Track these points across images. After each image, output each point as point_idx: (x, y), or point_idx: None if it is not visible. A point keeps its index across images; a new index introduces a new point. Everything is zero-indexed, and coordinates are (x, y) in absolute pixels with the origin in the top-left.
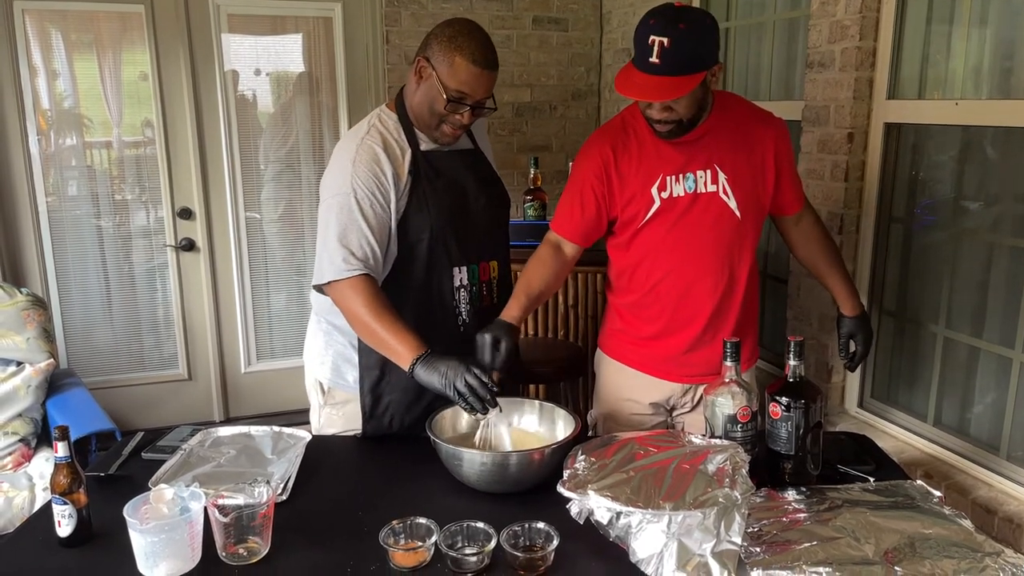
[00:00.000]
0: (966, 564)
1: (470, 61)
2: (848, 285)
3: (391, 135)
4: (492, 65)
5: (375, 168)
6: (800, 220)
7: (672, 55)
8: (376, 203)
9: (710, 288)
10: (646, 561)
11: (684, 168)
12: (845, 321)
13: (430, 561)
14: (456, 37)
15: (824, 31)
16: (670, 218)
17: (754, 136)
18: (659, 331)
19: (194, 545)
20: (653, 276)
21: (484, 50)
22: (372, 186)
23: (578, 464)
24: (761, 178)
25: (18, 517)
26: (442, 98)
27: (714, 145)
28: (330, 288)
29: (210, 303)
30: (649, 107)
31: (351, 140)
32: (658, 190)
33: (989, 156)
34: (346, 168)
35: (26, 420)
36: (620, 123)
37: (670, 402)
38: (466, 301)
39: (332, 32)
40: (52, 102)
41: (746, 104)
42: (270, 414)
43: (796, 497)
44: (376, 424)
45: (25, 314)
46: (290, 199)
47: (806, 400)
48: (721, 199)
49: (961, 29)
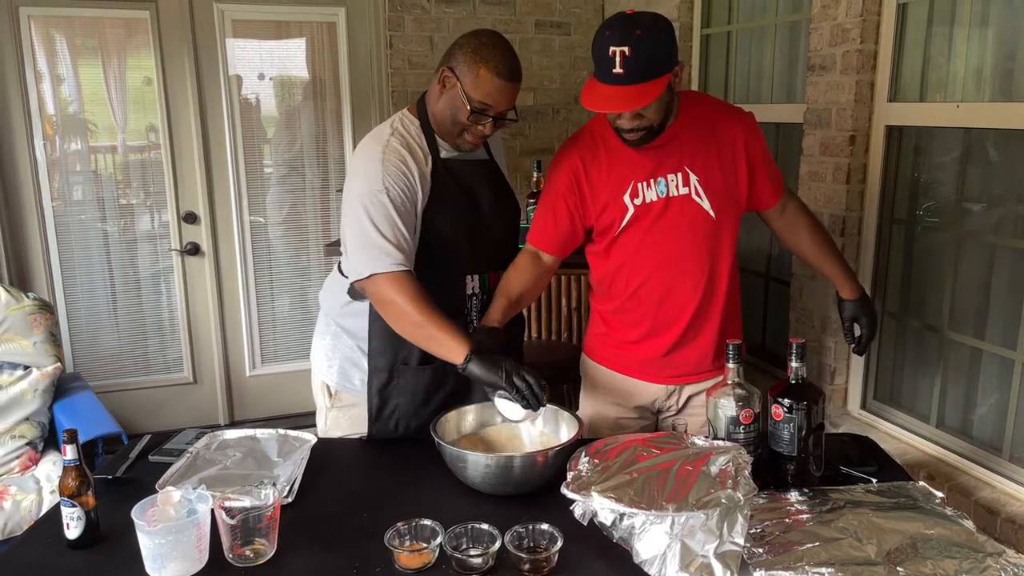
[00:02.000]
0: (968, 564)
1: (494, 73)
2: (844, 268)
3: (413, 139)
4: (516, 77)
5: (403, 168)
6: (784, 210)
7: (634, 62)
8: (407, 200)
9: (690, 290)
10: (649, 562)
11: (654, 173)
12: (846, 305)
13: (435, 563)
14: (481, 49)
15: (825, 34)
16: (645, 224)
17: (723, 133)
18: (642, 335)
19: (201, 547)
20: (633, 282)
21: (509, 62)
22: (402, 184)
23: (581, 466)
24: (733, 175)
25: (26, 520)
26: (465, 109)
27: (683, 147)
28: (369, 282)
29: (215, 307)
30: (619, 117)
31: (375, 142)
32: (630, 197)
33: (990, 158)
34: (375, 168)
35: (33, 424)
36: (588, 133)
37: (655, 405)
38: (477, 309)
39: (336, 37)
40: (57, 107)
41: (712, 101)
42: (275, 417)
43: (799, 498)
44: (382, 427)
45: (32, 318)
46: (294, 203)
47: (808, 402)
48: (694, 201)
49: (962, 31)
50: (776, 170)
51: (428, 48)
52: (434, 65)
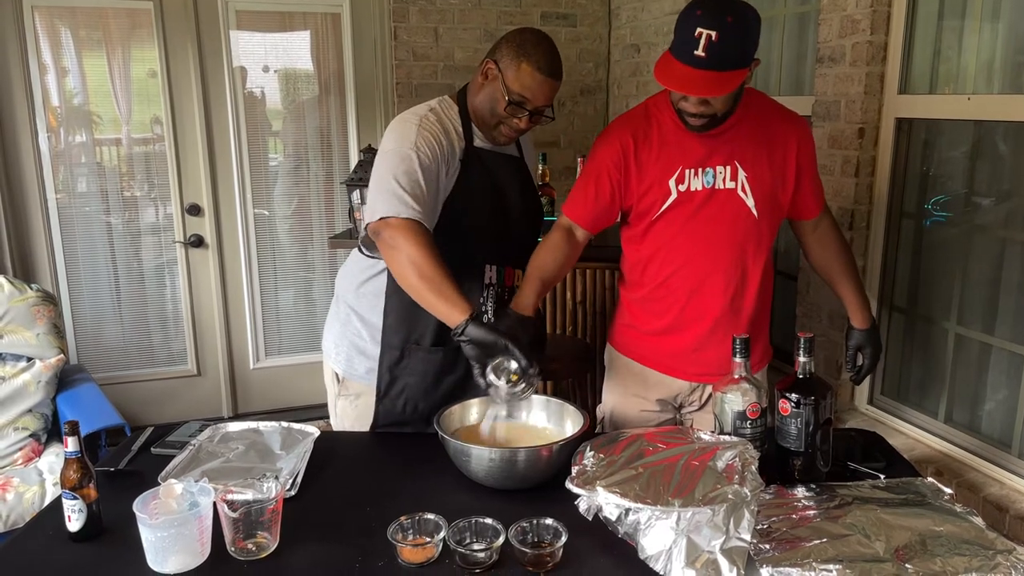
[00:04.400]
0: (977, 562)
1: (535, 68)
2: (860, 296)
3: (450, 121)
4: (557, 75)
5: (438, 137)
6: (818, 226)
7: (719, 49)
8: (434, 166)
9: (722, 285)
10: (655, 558)
11: (704, 162)
12: (855, 333)
13: (438, 557)
14: (525, 44)
15: (835, 25)
16: (686, 211)
17: (777, 135)
18: (668, 326)
19: (203, 540)
20: (665, 270)
21: (550, 59)
22: (434, 150)
23: (587, 460)
24: (781, 179)
25: (28, 512)
26: (504, 100)
27: (736, 141)
28: (383, 225)
29: (219, 299)
30: (684, 99)
31: (412, 114)
32: (676, 182)
33: (1001, 152)
34: (410, 131)
35: (36, 415)
36: (643, 112)
37: (678, 400)
38: (492, 299)
39: (340, 28)
40: (62, 99)
41: (771, 102)
42: (279, 410)
43: (806, 494)
44: (389, 405)
45: (35, 310)
46: (299, 195)
47: (816, 397)
48: (739, 197)
49: (973, 23)
50: (820, 184)
51: (433, 40)
52: (439, 57)
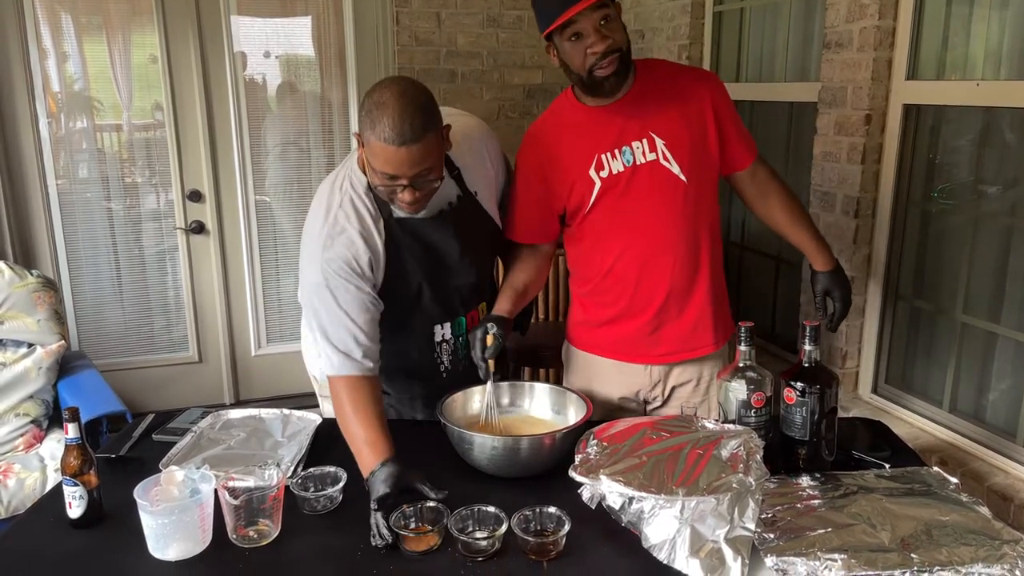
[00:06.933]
0: (984, 552)
1: (382, 140)
2: (816, 238)
3: (362, 202)
4: (409, 140)
5: (346, 254)
6: (755, 175)
7: None
8: (352, 286)
9: (669, 260)
10: (659, 547)
11: (618, 142)
12: (819, 277)
13: (440, 545)
14: (372, 111)
15: (842, 10)
16: (613, 196)
17: (687, 91)
18: (620, 312)
19: (204, 527)
20: (608, 259)
21: (398, 123)
22: (346, 273)
23: (590, 449)
24: (701, 133)
25: (30, 498)
26: (375, 176)
27: (646, 112)
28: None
29: (220, 285)
30: (590, 46)
31: (320, 214)
32: (596, 170)
33: (1008, 139)
34: (316, 255)
35: (37, 402)
36: (549, 114)
37: (640, 395)
38: (448, 352)
39: (342, 13)
40: (62, 85)
41: (674, 64)
42: (280, 397)
43: (810, 483)
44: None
45: (36, 296)
46: (300, 181)
47: (821, 385)
48: (663, 166)
49: (982, 9)
50: (745, 131)
51: (435, 24)
52: (441, 43)
